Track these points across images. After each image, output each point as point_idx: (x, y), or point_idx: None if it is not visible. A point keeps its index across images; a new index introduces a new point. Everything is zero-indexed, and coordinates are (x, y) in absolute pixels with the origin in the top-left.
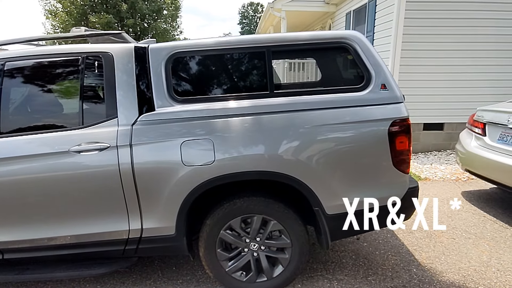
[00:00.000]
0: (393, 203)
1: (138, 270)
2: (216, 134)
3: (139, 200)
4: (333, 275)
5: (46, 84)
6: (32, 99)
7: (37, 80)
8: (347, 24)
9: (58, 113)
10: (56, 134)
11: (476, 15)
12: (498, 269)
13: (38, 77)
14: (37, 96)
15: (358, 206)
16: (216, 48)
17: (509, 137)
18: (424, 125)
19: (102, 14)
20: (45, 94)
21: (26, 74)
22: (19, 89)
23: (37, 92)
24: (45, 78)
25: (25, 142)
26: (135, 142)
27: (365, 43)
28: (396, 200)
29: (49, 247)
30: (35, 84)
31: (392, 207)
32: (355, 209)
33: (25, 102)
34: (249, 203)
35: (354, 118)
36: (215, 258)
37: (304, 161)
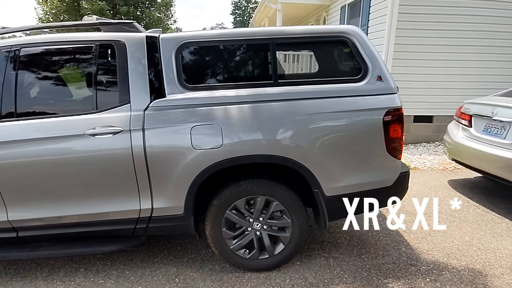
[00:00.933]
0: (386, 187)
1: (145, 249)
2: (224, 120)
3: (150, 181)
4: (329, 254)
5: (61, 71)
6: (48, 84)
7: (52, 66)
8: (342, 18)
9: (73, 98)
10: (72, 118)
11: (467, 11)
12: (479, 248)
13: (53, 63)
14: (53, 82)
15: (353, 189)
16: (224, 39)
17: (493, 128)
18: (414, 117)
19: (95, 1)
20: (60, 80)
21: (41, 60)
22: (35, 74)
23: (52, 78)
24: (60, 65)
25: (41, 125)
26: (147, 127)
27: (363, 38)
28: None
29: (62, 225)
30: (50, 70)
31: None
32: (351, 192)
33: (40, 87)
34: (253, 185)
35: (352, 107)
36: (220, 236)
37: (305, 146)
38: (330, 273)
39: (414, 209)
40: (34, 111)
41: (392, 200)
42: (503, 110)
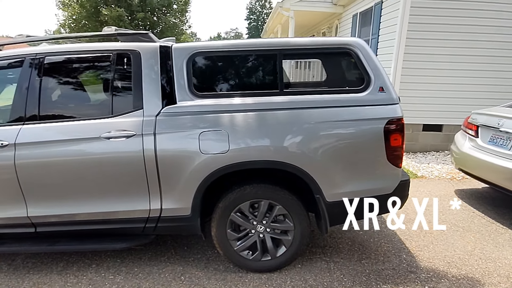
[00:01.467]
0: (386, 194)
1: (153, 248)
2: (231, 127)
3: (160, 183)
4: (331, 258)
5: (80, 77)
6: (68, 90)
7: (73, 73)
8: (353, 26)
9: (91, 103)
10: (89, 122)
11: (476, 22)
12: (480, 257)
13: (74, 70)
14: (72, 88)
15: (354, 195)
16: (233, 49)
17: (499, 139)
18: (423, 126)
19: (114, 7)
20: (79, 86)
21: (63, 67)
22: (57, 81)
23: (72, 84)
24: (80, 72)
25: (61, 128)
26: (158, 131)
27: (366, 50)
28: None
29: (77, 222)
30: (71, 77)
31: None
32: (352, 198)
33: (61, 92)
34: (257, 189)
35: (354, 116)
36: (225, 237)
37: (308, 153)
38: (330, 277)
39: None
40: (55, 114)
41: (392, 200)
42: (508, 122)
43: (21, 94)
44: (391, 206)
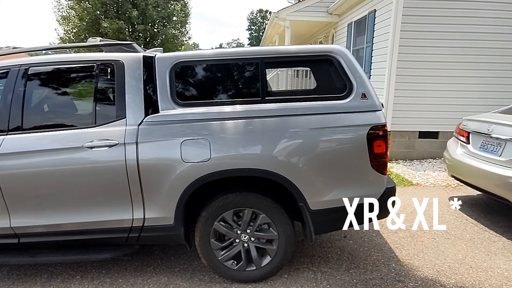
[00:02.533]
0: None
1: (140, 258)
2: (212, 135)
3: (143, 192)
4: (318, 268)
5: (64, 88)
6: (52, 100)
7: (56, 83)
8: (349, 35)
9: (74, 113)
10: (72, 132)
11: (469, 29)
12: (471, 266)
13: (58, 81)
14: (56, 98)
15: (339, 203)
16: (215, 58)
17: (489, 145)
18: (419, 133)
19: (114, 20)
20: (63, 96)
21: (47, 78)
22: (41, 91)
23: (56, 94)
24: (64, 82)
25: (43, 138)
26: (140, 140)
27: (348, 56)
28: (373, 199)
29: (60, 233)
30: (55, 87)
31: (370, 206)
32: (336, 206)
33: (45, 103)
34: (240, 198)
35: (337, 123)
36: (209, 247)
37: (290, 160)
38: (315, 287)
39: (409, 225)
40: (38, 124)
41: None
42: (498, 128)
43: (5, 105)
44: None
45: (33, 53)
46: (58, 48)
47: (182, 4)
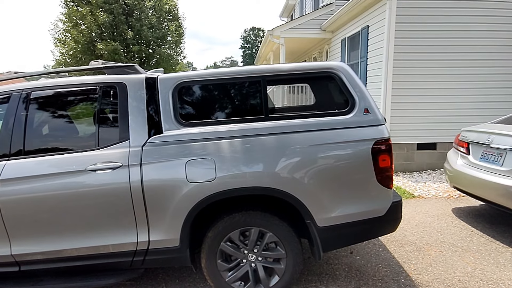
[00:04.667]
0: (378, 217)
1: (144, 282)
2: (217, 154)
3: (147, 214)
4: (327, 286)
5: (67, 111)
6: (54, 124)
7: (59, 107)
8: (343, 50)
9: (77, 136)
10: (75, 155)
11: (463, 42)
12: (482, 279)
13: (60, 104)
14: (59, 122)
15: (346, 219)
16: (218, 78)
17: (490, 155)
18: (417, 145)
19: (109, 42)
20: (65, 120)
21: (49, 102)
22: (43, 115)
23: (58, 118)
24: (66, 105)
25: (46, 162)
26: (144, 162)
27: (349, 73)
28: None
29: (63, 259)
30: (57, 110)
31: (378, 221)
32: (343, 222)
33: (48, 126)
34: (246, 217)
35: (341, 139)
36: (215, 268)
37: (296, 177)
38: None
39: (415, 238)
40: (41, 148)
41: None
42: (498, 138)
43: (7, 130)
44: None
45: (34, 78)
46: (60, 71)
47: (176, 24)
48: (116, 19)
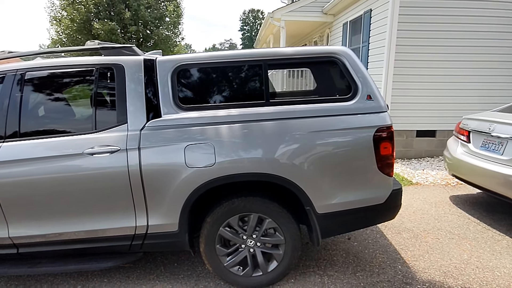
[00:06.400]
0: (378, 204)
1: (142, 265)
2: (217, 139)
3: (146, 199)
4: (324, 271)
5: (63, 93)
6: (50, 106)
7: (54, 88)
8: (344, 34)
9: (73, 119)
10: (72, 138)
11: (466, 28)
12: (477, 266)
13: (56, 86)
14: (55, 104)
15: (346, 206)
16: (218, 61)
17: (491, 144)
18: (417, 132)
19: (106, 21)
20: (61, 102)
21: (45, 83)
22: (39, 96)
23: (54, 100)
24: (62, 87)
25: (42, 145)
26: (143, 146)
27: (352, 58)
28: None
29: (62, 242)
30: (53, 92)
31: (378, 208)
32: (343, 209)
33: (43, 108)
34: (246, 202)
35: (343, 125)
36: (214, 253)
37: (296, 164)
38: None
39: (413, 225)
40: (37, 131)
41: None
42: (499, 126)
43: (1, 111)
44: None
45: (29, 57)
46: (55, 52)
47: (174, 4)
48: None
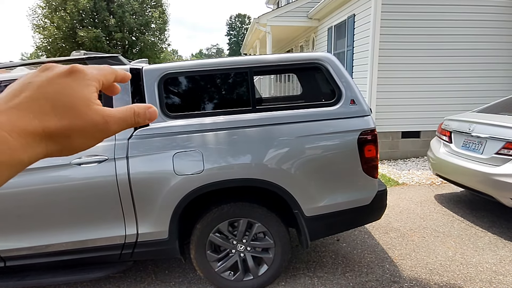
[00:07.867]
0: (365, 206)
1: (133, 274)
2: (204, 146)
3: (135, 207)
4: (314, 273)
5: None
6: None
7: None
8: (329, 39)
9: None
10: None
11: (446, 31)
12: (462, 263)
13: None
14: None
15: (333, 208)
16: (204, 69)
17: (471, 143)
18: (402, 133)
19: (90, 29)
20: None
21: None
22: None
23: None
24: None
25: None
26: (131, 155)
27: (336, 64)
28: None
29: (50, 254)
30: None
31: (364, 209)
32: (330, 211)
33: None
34: (235, 208)
35: (327, 129)
36: (205, 259)
37: (284, 168)
38: None
39: (400, 225)
40: None
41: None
42: (479, 127)
43: None
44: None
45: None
46: (40, 63)
47: (160, 11)
48: (96, 5)
